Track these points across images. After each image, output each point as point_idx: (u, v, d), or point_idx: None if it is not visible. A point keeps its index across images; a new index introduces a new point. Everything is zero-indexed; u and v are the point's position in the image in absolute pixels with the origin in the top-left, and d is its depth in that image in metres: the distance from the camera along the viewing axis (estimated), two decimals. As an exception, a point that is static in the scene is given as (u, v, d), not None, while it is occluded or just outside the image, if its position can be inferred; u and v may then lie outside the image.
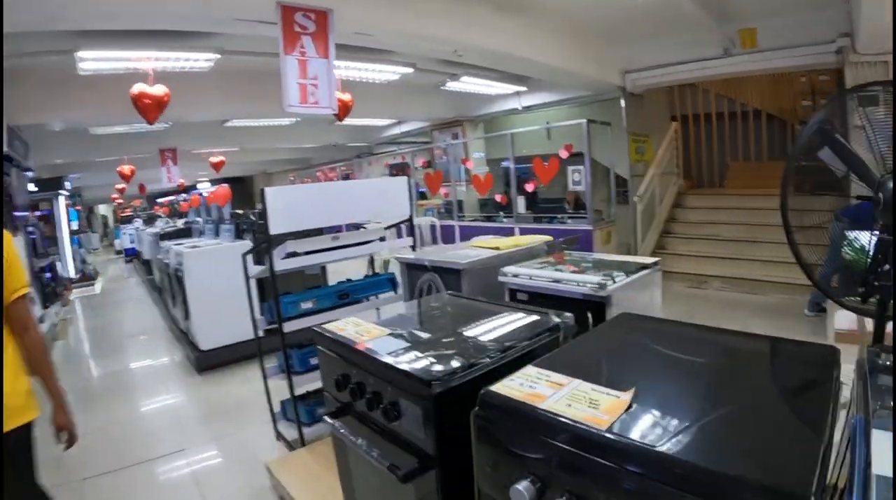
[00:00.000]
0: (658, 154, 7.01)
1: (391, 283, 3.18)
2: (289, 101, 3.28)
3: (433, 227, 7.51)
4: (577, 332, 1.57)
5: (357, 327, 1.63)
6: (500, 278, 2.38)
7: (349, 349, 1.51)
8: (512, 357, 1.36)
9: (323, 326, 1.70)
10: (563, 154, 6.08)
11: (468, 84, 6.81)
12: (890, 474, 0.72)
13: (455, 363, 1.29)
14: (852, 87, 1.56)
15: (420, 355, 1.38)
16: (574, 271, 2.36)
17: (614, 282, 2.08)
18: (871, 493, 0.71)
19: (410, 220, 3.13)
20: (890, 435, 0.80)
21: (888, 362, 1.08)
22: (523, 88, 7.49)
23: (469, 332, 1.54)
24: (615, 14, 5.13)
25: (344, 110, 4.74)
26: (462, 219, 7.59)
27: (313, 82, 3.37)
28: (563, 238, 3.21)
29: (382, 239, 3.08)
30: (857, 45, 4.46)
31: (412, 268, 2.83)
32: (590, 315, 1.95)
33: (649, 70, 6.29)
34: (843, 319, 3.88)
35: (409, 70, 5.74)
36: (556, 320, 1.56)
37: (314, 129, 9.84)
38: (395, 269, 3.16)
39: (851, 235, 1.62)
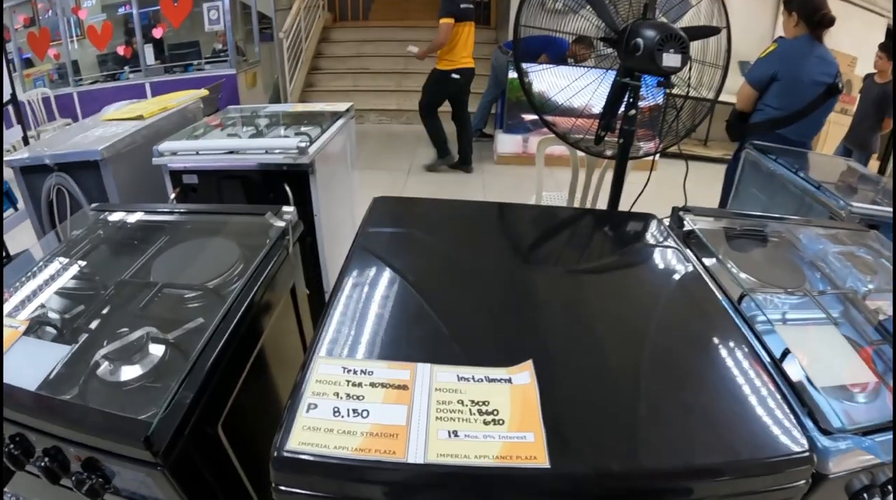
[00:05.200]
0: (303, -15, 6.36)
1: (8, 198, 2.28)
2: None
3: (47, 100, 5.76)
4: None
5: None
6: (156, 160, 1.69)
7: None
8: (251, 307, 0.87)
9: None
10: (198, -12, 5.00)
11: None
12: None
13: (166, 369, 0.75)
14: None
15: (110, 361, 0.75)
16: (253, 135, 1.80)
17: (312, 142, 1.60)
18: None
19: (14, 100, 2.18)
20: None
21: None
22: None
23: (161, 279, 0.95)
24: None
25: None
26: (80, 83, 5.95)
27: None
28: (207, 86, 2.54)
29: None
30: None
31: (29, 172, 1.80)
32: (289, 190, 1.49)
33: None
34: (505, 144, 4.55)
35: None
36: (280, 223, 1.06)
37: None
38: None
39: (528, 67, 1.43)
